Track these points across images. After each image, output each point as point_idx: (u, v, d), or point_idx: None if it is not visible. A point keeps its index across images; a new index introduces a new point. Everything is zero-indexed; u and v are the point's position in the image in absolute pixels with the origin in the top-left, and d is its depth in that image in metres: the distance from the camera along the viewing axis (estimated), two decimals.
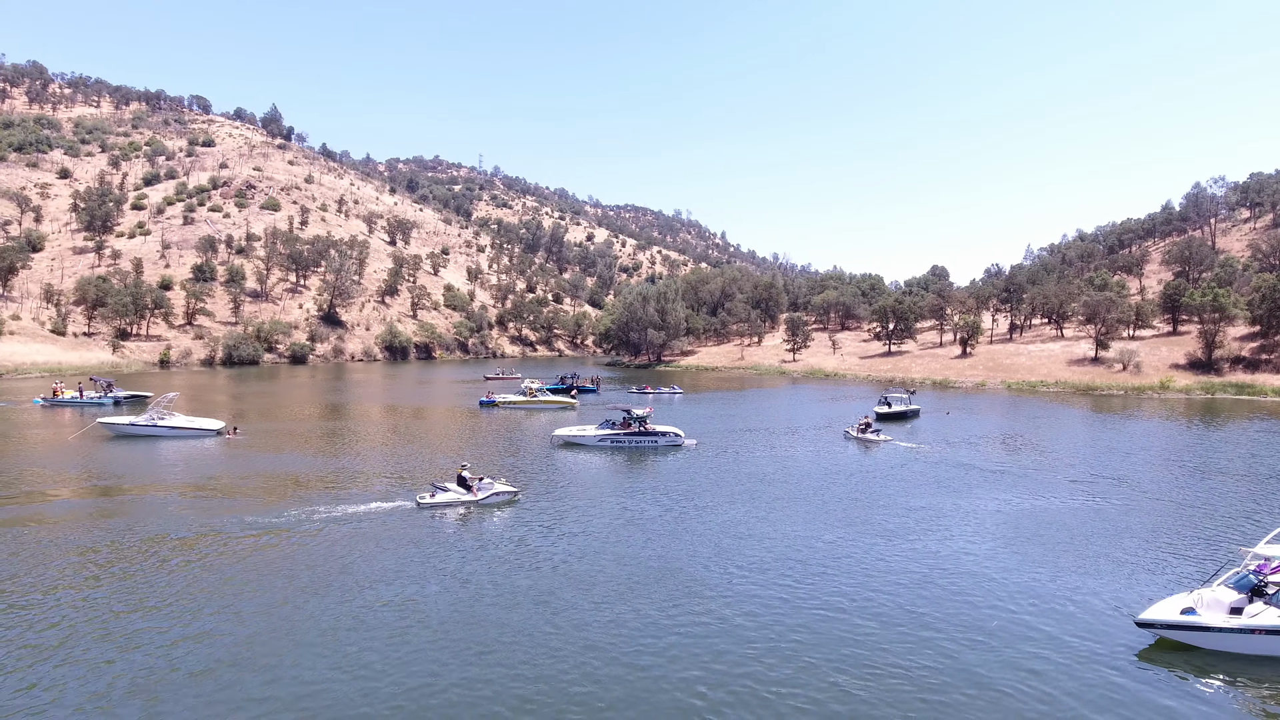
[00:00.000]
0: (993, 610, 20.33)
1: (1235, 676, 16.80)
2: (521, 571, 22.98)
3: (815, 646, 17.83)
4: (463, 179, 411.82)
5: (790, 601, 20.74)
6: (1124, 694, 15.85)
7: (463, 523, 28.82)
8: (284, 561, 23.50)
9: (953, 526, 29.14)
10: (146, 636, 17.79)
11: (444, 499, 30.58)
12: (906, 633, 18.67)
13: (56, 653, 16.90)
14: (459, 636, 18.09)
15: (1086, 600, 21.22)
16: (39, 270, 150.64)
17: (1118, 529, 28.94)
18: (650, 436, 47.74)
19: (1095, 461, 43.75)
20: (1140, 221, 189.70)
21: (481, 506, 30.67)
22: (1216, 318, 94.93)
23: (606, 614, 19.58)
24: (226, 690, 15.34)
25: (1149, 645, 18.08)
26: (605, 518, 29.68)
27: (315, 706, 14.81)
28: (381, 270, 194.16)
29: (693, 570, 23.30)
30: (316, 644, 17.49)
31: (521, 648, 17.48)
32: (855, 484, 37.11)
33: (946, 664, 17.01)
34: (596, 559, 24.30)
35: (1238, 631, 17.55)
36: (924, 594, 21.47)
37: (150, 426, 48.16)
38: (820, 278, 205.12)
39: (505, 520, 29.25)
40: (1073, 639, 18.49)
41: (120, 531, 26.71)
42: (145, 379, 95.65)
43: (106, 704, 14.79)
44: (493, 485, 31.97)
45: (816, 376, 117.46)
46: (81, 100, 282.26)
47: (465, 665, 16.62)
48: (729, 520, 29.47)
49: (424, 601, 20.31)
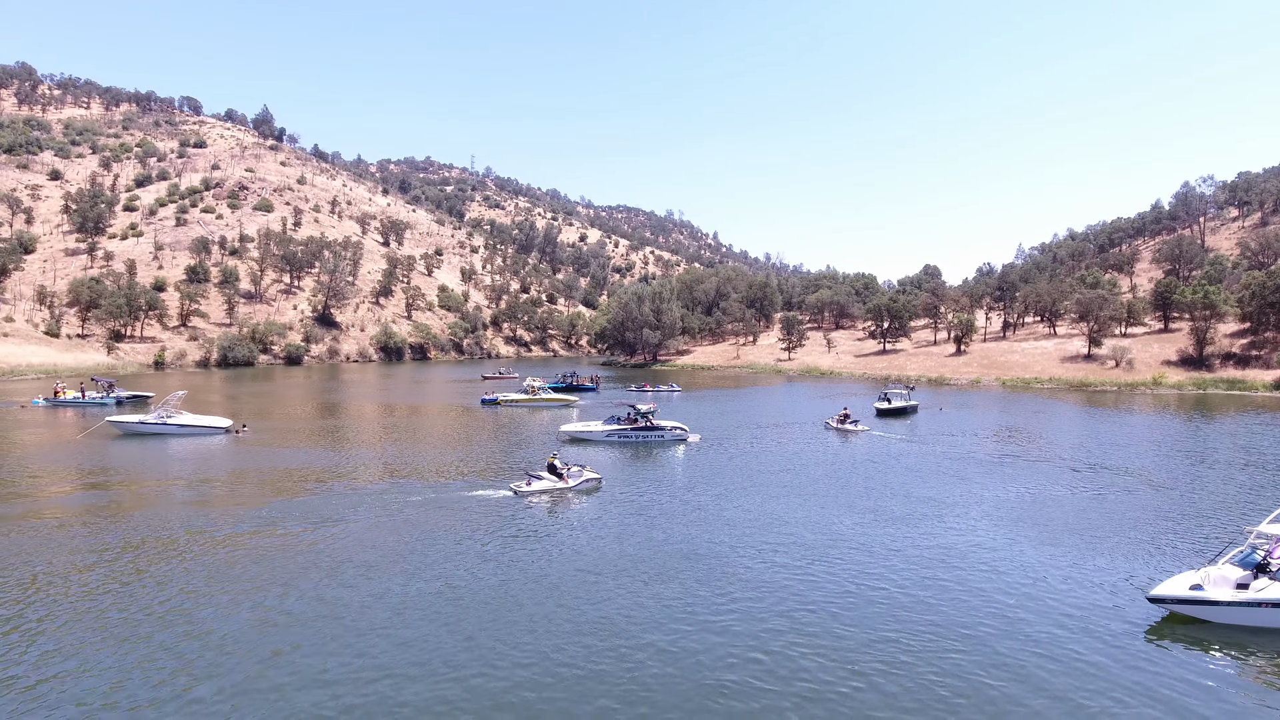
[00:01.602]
0: (1007, 588, 20.97)
1: (1242, 647, 17.49)
2: (620, 549, 23.54)
3: (838, 626, 18.37)
4: (455, 180, 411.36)
5: (816, 582, 21.33)
6: (1139, 664, 16.47)
7: (566, 506, 30.50)
8: (399, 546, 24.27)
9: (960, 512, 29.83)
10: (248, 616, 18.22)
11: (539, 486, 32.25)
12: (922, 611, 19.24)
13: (208, 640, 17.28)
14: (560, 610, 18.61)
15: (1097, 578, 21.94)
16: (31, 272, 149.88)
17: (1121, 513, 29.72)
18: (656, 431, 48.44)
19: (1093, 452, 44.60)
20: (1130, 221, 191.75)
21: (574, 492, 32.45)
22: (1207, 314, 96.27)
23: (673, 588, 20.16)
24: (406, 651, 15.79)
25: (1160, 620, 18.76)
26: (655, 501, 30.27)
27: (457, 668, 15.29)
28: (375, 271, 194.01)
29: (734, 555, 23.84)
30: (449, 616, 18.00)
31: (637, 614, 18.05)
32: (858, 474, 37.73)
33: (965, 639, 17.58)
34: (646, 538, 24.86)
35: (1244, 605, 18.25)
36: (937, 574, 22.07)
37: (160, 425, 48.30)
38: (814, 277, 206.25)
39: (596, 503, 31.07)
40: (1087, 614, 19.16)
41: (182, 526, 26.96)
42: (141, 380, 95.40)
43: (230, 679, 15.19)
44: (582, 472, 33.77)
45: (812, 375, 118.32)
46: (71, 101, 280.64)
47: (578, 635, 17.14)
48: (747, 506, 30.09)
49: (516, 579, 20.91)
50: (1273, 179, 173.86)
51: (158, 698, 14.58)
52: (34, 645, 16.72)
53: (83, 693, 14.71)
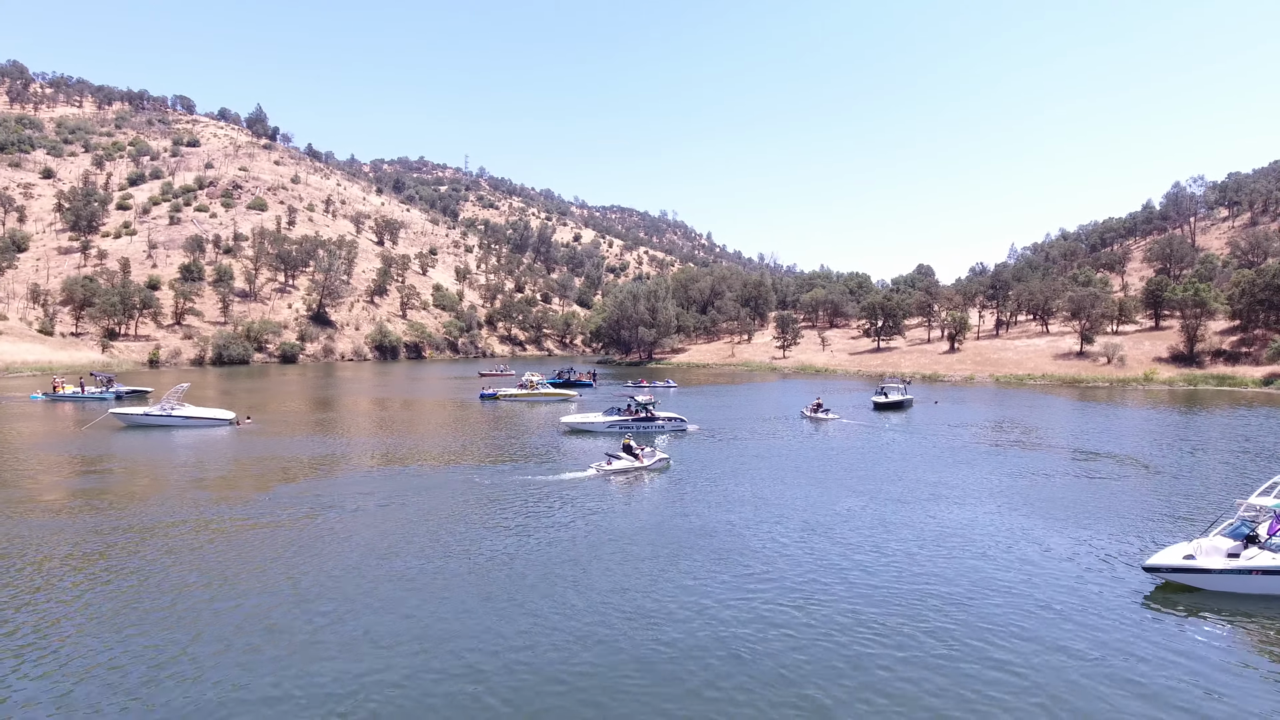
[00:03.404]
0: (1007, 561, 21.58)
1: (1232, 612, 18.20)
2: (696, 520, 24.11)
3: (844, 600, 18.95)
4: (449, 180, 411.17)
5: (821, 560, 21.90)
6: (1136, 628, 17.06)
7: (644, 483, 32.76)
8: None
9: (958, 493, 30.50)
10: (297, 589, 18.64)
11: (619, 465, 34.38)
12: (924, 585, 19.76)
13: (258, 625, 17.70)
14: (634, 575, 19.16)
15: (1094, 550, 22.64)
16: (24, 270, 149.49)
17: (1115, 493, 30.51)
18: (656, 421, 48.98)
19: (1087, 440, 45.38)
20: (1122, 220, 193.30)
21: (648, 471, 34.72)
22: (1198, 312, 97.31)
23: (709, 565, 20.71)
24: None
25: (1156, 588, 19.41)
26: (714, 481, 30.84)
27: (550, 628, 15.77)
28: (370, 270, 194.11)
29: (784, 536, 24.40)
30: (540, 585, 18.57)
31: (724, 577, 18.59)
32: (852, 459, 38.34)
33: (968, 608, 18.14)
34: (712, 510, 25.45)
35: (1236, 573, 18.90)
36: (937, 551, 22.62)
37: (164, 416, 48.45)
38: (808, 277, 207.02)
39: (668, 480, 33.52)
40: (1085, 583, 19.79)
41: (219, 507, 27.39)
42: (136, 378, 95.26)
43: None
44: (655, 453, 36.44)
45: (807, 372, 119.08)
46: (64, 100, 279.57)
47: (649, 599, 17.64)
48: (749, 487, 30.68)
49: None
50: (1262, 180, 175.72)
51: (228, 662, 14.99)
52: (81, 613, 17.12)
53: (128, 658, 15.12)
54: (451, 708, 13.40)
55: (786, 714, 13.28)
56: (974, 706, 13.46)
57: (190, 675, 14.27)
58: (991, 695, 13.82)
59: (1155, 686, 14.31)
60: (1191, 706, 13.65)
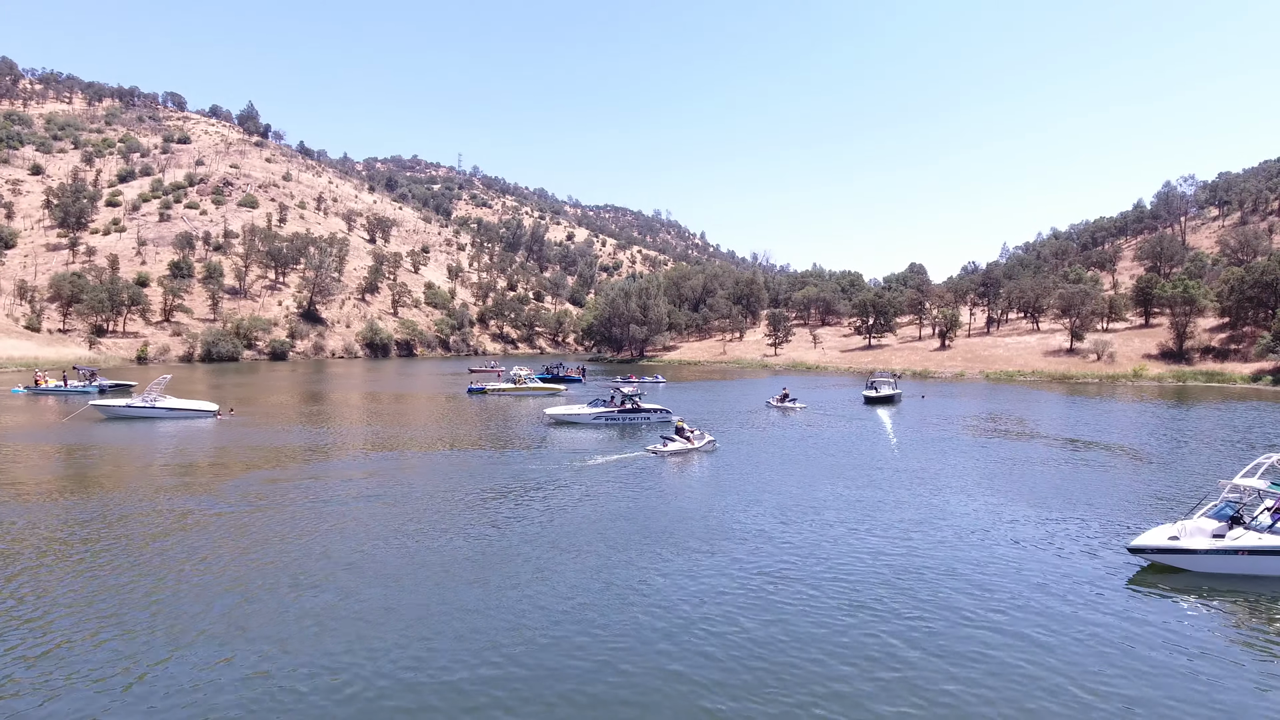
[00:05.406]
0: (992, 544, 21.39)
1: (1216, 592, 18.06)
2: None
3: (838, 580, 18.72)
4: (442, 178, 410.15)
5: (804, 538, 21.68)
6: (1122, 609, 16.86)
7: (693, 463, 34.36)
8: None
9: (943, 480, 30.40)
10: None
11: (674, 447, 36.16)
12: (908, 566, 19.59)
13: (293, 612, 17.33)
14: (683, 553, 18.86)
15: (1080, 532, 22.53)
16: (12, 266, 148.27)
17: (1102, 479, 30.53)
18: (642, 413, 48.71)
19: (1075, 431, 45.39)
20: (1113, 220, 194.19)
21: (700, 452, 36.44)
22: (1187, 310, 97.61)
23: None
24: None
25: (1141, 569, 19.23)
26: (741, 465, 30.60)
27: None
28: (362, 268, 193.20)
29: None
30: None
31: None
32: (834, 448, 38.17)
33: (948, 589, 17.93)
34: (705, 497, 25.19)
35: (1219, 553, 18.75)
36: (923, 535, 22.42)
37: (146, 408, 47.89)
38: (800, 275, 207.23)
39: (715, 460, 35.05)
40: (1071, 564, 19.62)
41: (238, 498, 26.98)
42: (124, 374, 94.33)
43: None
44: (704, 435, 38.16)
45: (799, 369, 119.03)
46: (53, 96, 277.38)
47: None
48: (749, 477, 30.48)
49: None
50: (1252, 179, 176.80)
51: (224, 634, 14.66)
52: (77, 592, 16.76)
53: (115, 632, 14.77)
54: (446, 696, 13.10)
55: (794, 695, 13.04)
56: (951, 687, 13.21)
57: (164, 656, 13.95)
58: (971, 676, 13.58)
59: (1139, 666, 14.10)
60: (1176, 685, 13.44)
